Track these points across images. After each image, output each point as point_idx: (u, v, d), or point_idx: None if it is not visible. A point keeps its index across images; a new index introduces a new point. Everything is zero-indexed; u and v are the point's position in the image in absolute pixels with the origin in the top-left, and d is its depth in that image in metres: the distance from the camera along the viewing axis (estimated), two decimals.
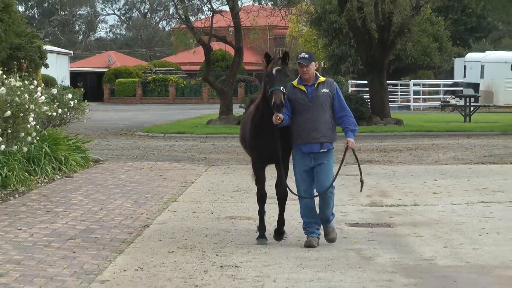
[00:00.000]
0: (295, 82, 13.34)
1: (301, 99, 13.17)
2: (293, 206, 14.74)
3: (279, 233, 13.87)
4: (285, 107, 12.93)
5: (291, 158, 13.93)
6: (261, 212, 13.86)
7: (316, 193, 13.60)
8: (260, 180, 13.95)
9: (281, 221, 13.89)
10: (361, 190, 14.15)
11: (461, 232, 14.90)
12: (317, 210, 13.67)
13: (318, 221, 13.43)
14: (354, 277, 11.55)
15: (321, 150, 13.19)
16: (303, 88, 13.23)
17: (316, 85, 13.23)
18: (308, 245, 13.13)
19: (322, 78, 13.36)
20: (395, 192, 20.00)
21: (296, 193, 13.61)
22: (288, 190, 13.74)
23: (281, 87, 12.72)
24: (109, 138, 37.60)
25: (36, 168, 20.89)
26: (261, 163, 13.93)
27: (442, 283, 11.24)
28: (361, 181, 13.76)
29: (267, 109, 13.00)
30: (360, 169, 13.73)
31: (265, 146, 13.38)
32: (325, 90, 13.21)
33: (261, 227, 13.76)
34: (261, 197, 13.89)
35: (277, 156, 13.34)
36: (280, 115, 12.65)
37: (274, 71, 12.94)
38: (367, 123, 44.61)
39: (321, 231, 13.66)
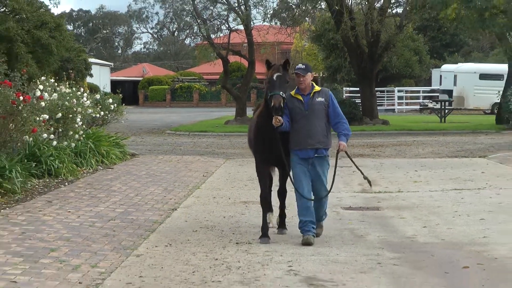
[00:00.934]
0: (292, 92, 12.36)
1: (298, 107, 12.21)
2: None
3: (282, 225, 13.14)
4: (285, 114, 12.07)
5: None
6: (264, 213, 12.66)
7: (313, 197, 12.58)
8: (263, 183, 12.86)
9: (283, 216, 13.21)
10: (370, 185, 13.48)
11: (438, 214, 14.89)
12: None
13: (313, 220, 12.32)
14: (348, 251, 11.58)
15: (316, 155, 12.19)
16: (300, 97, 12.27)
17: (312, 94, 12.24)
18: (306, 242, 11.99)
19: (317, 88, 12.42)
20: (382, 181, 19.97)
21: (299, 191, 12.33)
22: (293, 185, 12.50)
23: (280, 92, 11.85)
24: (143, 135, 37.61)
25: (83, 161, 20.93)
26: (264, 165, 12.92)
27: (421, 257, 11.25)
28: (366, 178, 12.80)
29: (268, 114, 12.07)
30: (358, 168, 12.81)
31: (268, 149, 12.46)
32: (320, 99, 12.24)
33: (264, 227, 12.46)
34: (264, 200, 12.82)
35: (280, 160, 12.41)
36: (279, 117, 11.75)
37: (274, 77, 12.03)
38: (358, 123, 44.52)
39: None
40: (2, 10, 42.57)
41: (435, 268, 10.57)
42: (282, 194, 13.21)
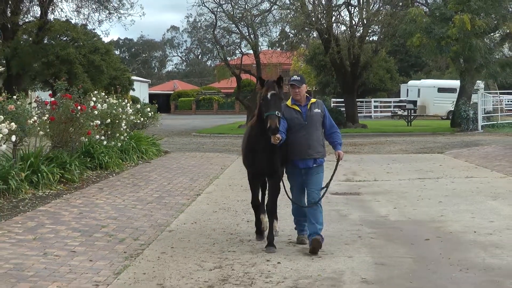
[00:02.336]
0: (288, 102, 10.33)
1: (296, 118, 10.16)
2: None
3: (271, 245, 10.03)
4: (281, 125, 9.84)
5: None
6: (257, 219, 10.77)
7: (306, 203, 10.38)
8: (254, 193, 10.71)
9: (271, 235, 10.13)
10: (326, 189, 10.46)
11: (405, 198, 14.86)
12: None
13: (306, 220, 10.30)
14: (335, 228, 11.55)
15: (314, 165, 10.22)
16: (297, 108, 10.21)
17: (309, 105, 10.24)
18: (300, 242, 10.33)
19: (313, 100, 10.41)
20: (362, 172, 19.94)
21: (290, 197, 10.52)
22: (285, 193, 10.46)
23: (276, 112, 9.60)
24: (173, 137, 37.61)
25: (127, 157, 20.94)
26: (255, 178, 10.66)
27: (393, 232, 11.24)
28: (327, 185, 10.47)
29: (261, 130, 9.87)
30: (333, 174, 10.64)
31: (259, 162, 10.18)
32: (317, 110, 10.25)
33: (258, 226, 10.74)
34: (256, 207, 10.77)
35: (272, 171, 10.22)
36: (278, 135, 9.59)
37: (269, 96, 9.77)
38: (343, 127, 44.36)
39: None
40: (64, 39, 42.61)
41: (403, 240, 10.56)
42: (271, 211, 10.42)
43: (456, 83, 49.69)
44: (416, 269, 8.86)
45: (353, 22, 45.96)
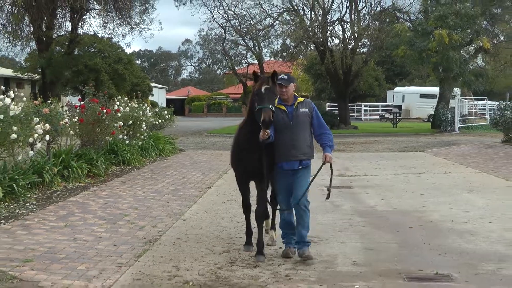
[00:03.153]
0: (275, 102, 8.58)
1: (282, 118, 8.61)
2: None
3: (260, 254, 8.59)
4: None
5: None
6: (248, 221, 9.25)
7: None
8: (244, 194, 9.18)
9: (260, 243, 8.67)
10: (326, 198, 9.16)
11: (391, 191, 14.84)
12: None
13: (295, 232, 8.78)
14: (330, 217, 11.54)
15: (300, 167, 8.67)
16: (283, 108, 8.66)
17: (295, 105, 8.71)
18: (285, 255, 8.68)
19: (301, 99, 8.85)
20: (353, 168, 19.92)
21: (278, 208, 9.03)
22: (268, 204, 9.13)
23: (270, 105, 8.28)
24: (187, 136, 37.60)
25: (146, 154, 20.96)
26: (244, 179, 9.13)
27: (380, 220, 11.22)
28: (328, 190, 9.06)
29: (253, 126, 8.47)
30: (331, 180, 9.25)
31: (250, 162, 8.70)
32: (304, 109, 8.69)
33: (248, 235, 9.19)
34: (246, 209, 9.19)
35: (260, 173, 8.68)
36: (268, 131, 8.19)
37: (263, 90, 8.40)
38: (337, 128, 44.38)
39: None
40: (92, 50, 42.68)
41: (389, 228, 10.54)
42: (261, 216, 8.92)
43: (436, 90, 49.66)
44: (401, 253, 8.85)
45: (346, 36, 45.98)
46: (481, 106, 53.07)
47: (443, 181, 16.50)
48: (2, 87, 15.08)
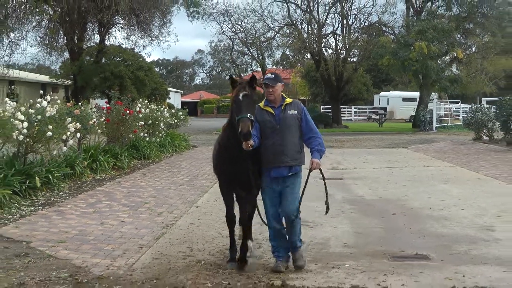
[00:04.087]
0: (261, 104, 7.12)
1: (268, 121, 7.02)
2: None
3: (242, 260, 7.21)
4: (254, 128, 6.70)
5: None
6: (232, 235, 7.44)
7: (284, 222, 7.24)
8: (228, 204, 7.38)
9: (244, 247, 7.36)
10: (326, 213, 7.72)
11: (377, 182, 14.83)
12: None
13: (286, 245, 7.23)
14: (324, 205, 11.50)
15: (290, 174, 7.11)
16: (270, 110, 7.07)
17: (283, 106, 7.09)
18: (275, 270, 7.03)
19: (289, 100, 7.20)
20: (344, 162, 19.90)
21: (265, 222, 7.34)
22: (260, 219, 7.54)
23: (248, 114, 6.55)
24: (200, 134, 37.52)
25: (164, 149, 20.97)
26: (228, 189, 7.36)
27: (368, 208, 11.22)
28: (326, 203, 7.63)
29: (233, 135, 6.74)
30: (326, 192, 7.87)
31: (233, 171, 7.00)
32: (292, 111, 7.07)
33: (231, 251, 7.38)
34: (230, 222, 7.41)
35: (247, 183, 7.02)
36: (250, 141, 6.54)
37: (240, 97, 6.74)
38: (330, 127, 44.47)
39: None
40: (117, 59, 42.70)
41: (376, 214, 10.54)
42: (245, 226, 7.55)
43: (416, 94, 49.55)
44: (385, 236, 8.85)
45: (338, 47, 46.06)
46: (455, 108, 52.97)
47: (422, 174, 16.48)
48: (40, 91, 15.11)
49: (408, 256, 7.75)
